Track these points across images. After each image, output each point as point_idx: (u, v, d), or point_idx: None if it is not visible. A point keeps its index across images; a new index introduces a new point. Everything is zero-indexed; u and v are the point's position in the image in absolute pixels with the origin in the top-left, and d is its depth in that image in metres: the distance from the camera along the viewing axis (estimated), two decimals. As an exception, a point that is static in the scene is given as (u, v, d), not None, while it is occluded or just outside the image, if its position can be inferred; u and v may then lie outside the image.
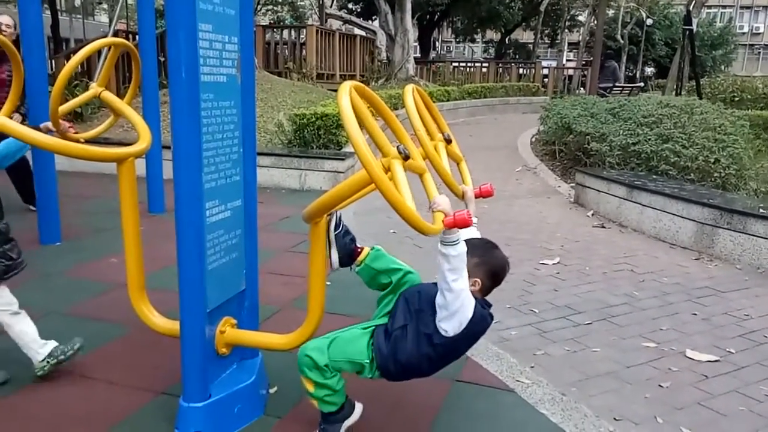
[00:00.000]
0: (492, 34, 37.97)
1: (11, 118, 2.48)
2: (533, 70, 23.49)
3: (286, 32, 16.09)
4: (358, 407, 2.43)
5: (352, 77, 16.91)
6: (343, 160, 7.69)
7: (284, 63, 14.97)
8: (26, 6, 4.73)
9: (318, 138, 8.37)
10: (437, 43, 37.46)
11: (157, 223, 5.51)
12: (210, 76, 2.17)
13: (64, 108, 2.80)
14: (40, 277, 4.05)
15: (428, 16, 28.30)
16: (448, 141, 2.54)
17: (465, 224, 1.88)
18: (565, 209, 7.14)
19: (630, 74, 34.70)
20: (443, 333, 2.12)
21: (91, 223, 5.63)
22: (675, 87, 16.31)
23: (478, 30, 33.45)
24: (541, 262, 5.05)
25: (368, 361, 2.25)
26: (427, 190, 2.04)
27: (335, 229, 2.45)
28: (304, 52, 15.06)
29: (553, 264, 5.02)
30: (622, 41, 33.45)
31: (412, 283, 2.42)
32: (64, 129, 2.77)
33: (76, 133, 2.89)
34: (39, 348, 2.70)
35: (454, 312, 2.08)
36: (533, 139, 11.57)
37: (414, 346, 2.19)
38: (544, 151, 10.31)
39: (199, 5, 2.05)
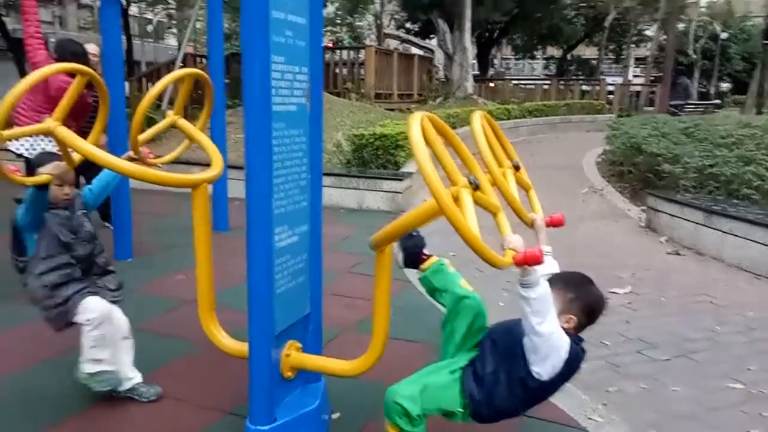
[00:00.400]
0: (553, 50, 37.55)
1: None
2: (597, 87, 23.05)
3: (345, 53, 16.37)
4: None
5: (410, 96, 17.02)
6: (401, 180, 7.72)
7: (343, 83, 15.21)
8: (108, 33, 5.01)
9: (376, 158, 8.44)
10: (496, 60, 37.28)
11: (221, 241, 5.62)
12: (281, 105, 2.23)
13: (143, 137, 2.93)
14: (113, 294, 4.22)
15: (487, 34, 28.26)
16: (517, 168, 2.51)
17: (535, 261, 1.82)
18: (635, 234, 6.89)
19: (703, 90, 33.56)
20: (537, 377, 2.06)
21: (161, 240, 5.84)
22: (756, 105, 15.62)
23: (539, 46, 33.14)
24: (611, 290, 4.87)
25: (461, 409, 2.20)
26: (500, 228, 2.01)
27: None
28: (362, 72, 15.27)
29: (625, 293, 4.80)
30: (694, 56, 32.41)
31: (469, 310, 2.33)
32: (144, 156, 2.90)
33: (155, 158, 3.01)
34: (129, 373, 2.82)
35: (545, 356, 2.01)
36: (599, 159, 11.29)
37: (507, 392, 2.13)
38: (611, 171, 10.04)
39: (273, 38, 2.11)
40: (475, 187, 1.83)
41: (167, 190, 7.55)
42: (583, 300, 2.14)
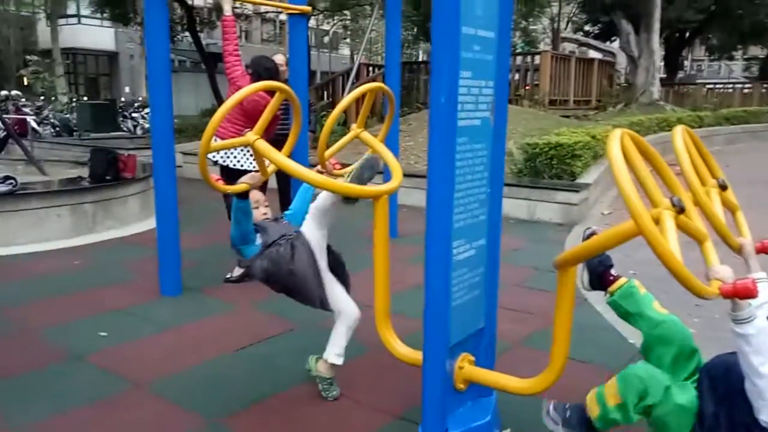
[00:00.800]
0: (756, 50, 33.79)
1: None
2: (808, 91, 20.39)
3: (519, 59, 16.07)
4: None
5: (587, 102, 16.28)
6: (577, 191, 7.41)
7: (515, 90, 14.94)
8: (296, 46, 5.41)
9: (550, 168, 8.17)
10: (686, 62, 34.42)
11: (391, 247, 5.82)
12: (466, 120, 2.25)
13: (329, 152, 3.12)
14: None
15: (677, 35, 26.17)
16: (723, 187, 2.30)
17: (747, 294, 1.64)
18: None
19: None
20: (764, 425, 1.83)
21: (333, 243, 6.14)
22: None
23: (739, 46, 29.97)
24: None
25: None
26: (706, 258, 1.85)
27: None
28: (536, 78, 14.89)
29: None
30: None
31: (669, 335, 2.15)
32: (330, 168, 3.08)
33: (341, 168, 3.19)
34: (338, 352, 2.98)
35: None
36: (811, 173, 9.97)
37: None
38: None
39: (462, 54, 2.13)
40: (680, 210, 1.70)
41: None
42: None
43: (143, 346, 3.63)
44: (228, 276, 4.87)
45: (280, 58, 5.43)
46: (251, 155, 4.71)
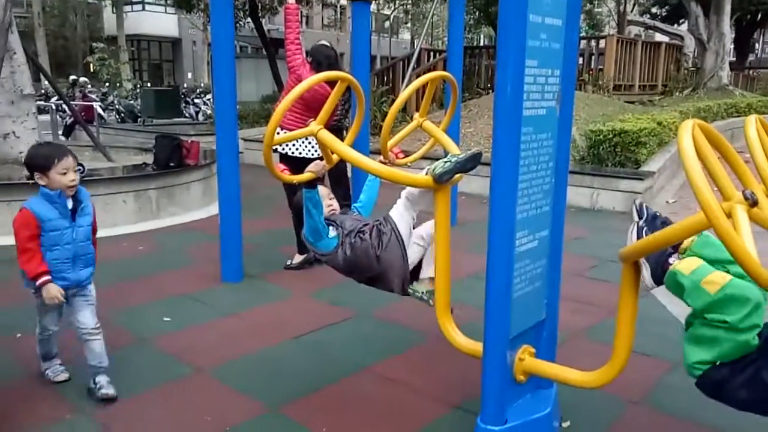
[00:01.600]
0: (834, 31, 31.88)
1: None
2: None
3: (582, 43, 15.62)
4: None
5: (653, 87, 15.71)
6: (641, 180, 7.21)
7: (579, 75, 14.55)
8: (358, 31, 5.40)
9: (614, 155, 7.95)
10: (757, 45, 32.76)
11: (451, 235, 5.81)
12: (531, 110, 2.21)
13: (392, 142, 3.12)
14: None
15: (748, 16, 24.90)
16: (797, 179, 2.19)
17: None
18: None
19: None
20: None
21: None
22: None
23: (815, 27, 28.32)
24: None
25: (722, 364, 1.95)
26: None
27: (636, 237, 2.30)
28: (600, 62, 14.45)
29: None
30: None
31: None
32: (393, 158, 3.09)
33: (404, 157, 3.18)
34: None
35: None
36: None
37: (745, 385, 1.91)
38: None
39: (528, 42, 2.10)
40: (753, 203, 1.64)
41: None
42: None
43: (205, 331, 3.74)
44: (288, 263, 4.96)
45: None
46: (310, 143, 4.76)
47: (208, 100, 19.15)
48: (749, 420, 2.72)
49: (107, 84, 24.89)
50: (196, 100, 20.37)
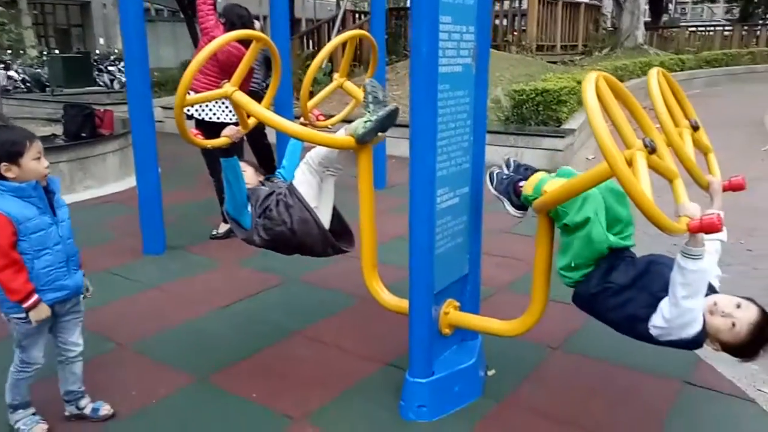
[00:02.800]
0: (738, -8, 33.44)
1: None
2: (790, 32, 20.25)
3: (506, 4, 15.78)
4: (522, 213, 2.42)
5: (574, 47, 16.10)
6: (562, 137, 7.42)
7: (503, 36, 14.73)
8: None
9: (537, 114, 8.14)
10: (670, 5, 34.02)
11: (378, 198, 5.81)
12: (447, 67, 2.23)
13: (311, 103, 3.06)
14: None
15: (661, -23, 25.78)
16: (695, 128, 2.31)
17: (713, 229, 1.72)
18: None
19: None
20: (650, 330, 2.03)
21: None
22: None
23: (721, -12, 29.60)
24: (797, 259, 4.42)
25: (577, 266, 2.17)
26: (676, 196, 1.88)
27: (491, 182, 2.46)
28: (523, 23, 14.67)
29: (814, 261, 4.35)
30: None
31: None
32: (313, 120, 3.04)
33: (325, 119, 3.14)
34: None
35: (671, 328, 1.98)
36: (787, 115, 10.06)
37: (616, 309, 2.12)
38: (802, 129, 8.90)
39: (441, -2, 2.09)
40: (651, 150, 1.72)
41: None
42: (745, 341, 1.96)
43: (126, 306, 3.63)
44: (214, 233, 4.86)
45: (257, 26, 5.27)
46: (227, 107, 4.62)
47: (124, 67, 18.19)
48: (662, 359, 2.92)
49: (9, 51, 23.25)
50: (110, 68, 19.30)
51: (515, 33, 14.54)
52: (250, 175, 2.89)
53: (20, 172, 2.17)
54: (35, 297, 2.19)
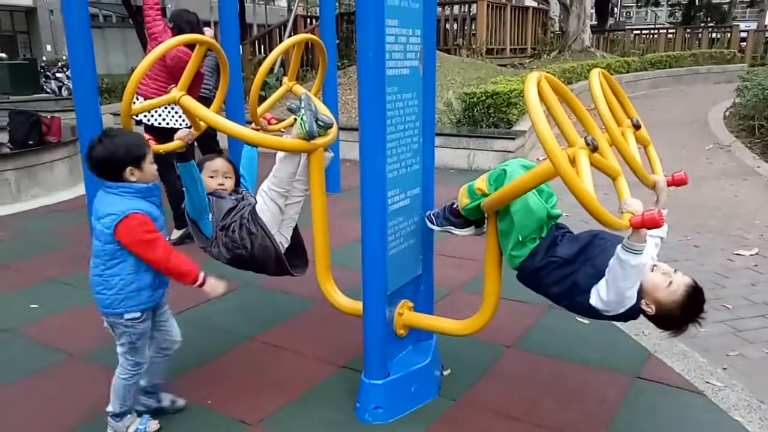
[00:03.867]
0: (679, -4, 34.72)
1: None
2: (729, 35, 21.08)
3: (456, 8, 15.98)
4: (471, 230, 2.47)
5: (523, 51, 16.42)
6: (513, 139, 7.56)
7: (453, 40, 14.92)
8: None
9: (488, 117, 8.28)
10: (615, 9, 34.99)
11: (334, 202, 5.81)
12: (394, 69, 2.25)
13: (261, 109, 3.05)
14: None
15: (607, -19, 26.49)
16: (637, 126, 2.39)
17: (654, 224, 1.79)
18: (764, 192, 6.41)
19: None
20: (590, 302, 2.09)
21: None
22: None
23: (663, -8, 30.66)
24: (735, 252, 4.59)
25: (524, 241, 2.20)
26: (619, 193, 1.95)
27: (432, 223, 2.54)
28: (473, 27, 14.88)
29: (751, 255, 4.54)
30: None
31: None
32: (264, 124, 3.03)
33: (276, 123, 3.12)
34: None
35: (606, 306, 2.06)
36: (727, 113, 10.47)
37: (560, 281, 2.17)
38: (741, 126, 9.29)
39: (387, 1, 2.11)
40: (593, 148, 1.78)
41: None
42: (677, 312, 2.04)
43: (77, 316, 3.54)
44: (167, 239, 4.77)
45: (209, 32, 5.22)
46: (178, 113, 4.56)
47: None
48: (613, 354, 3.00)
49: (-48, 58, 22.43)
50: (58, 74, 18.85)
51: (465, 36, 14.74)
52: (217, 180, 2.83)
53: (141, 175, 2.22)
54: (203, 273, 2.28)
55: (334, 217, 4.38)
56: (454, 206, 2.41)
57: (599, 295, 2.05)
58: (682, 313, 2.03)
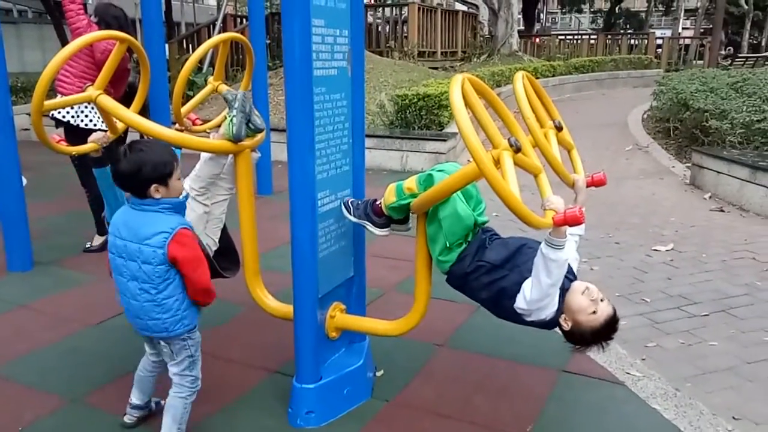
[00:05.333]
0: (601, 3, 36.20)
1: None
2: (646, 41, 22.16)
3: (387, 10, 16.08)
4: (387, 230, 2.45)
5: (454, 54, 16.70)
6: (444, 141, 7.66)
7: (385, 42, 15.01)
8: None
9: (420, 119, 8.36)
10: (542, 15, 36.14)
11: (265, 204, 5.73)
12: (322, 70, 2.23)
13: (186, 109, 2.96)
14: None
15: (532, -13, 27.31)
16: (559, 128, 2.47)
17: (575, 222, 1.84)
18: (679, 191, 6.76)
19: (754, 43, 31.99)
20: (516, 305, 2.13)
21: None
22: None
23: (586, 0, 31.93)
24: (653, 248, 4.82)
25: (451, 247, 2.22)
26: (540, 190, 2.00)
27: (348, 211, 2.48)
28: (405, 30, 15.02)
29: (667, 250, 4.77)
30: (746, 6, 30.85)
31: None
32: (188, 125, 2.94)
33: (202, 124, 3.04)
34: None
35: (530, 310, 2.10)
36: (645, 116, 11.00)
37: (488, 286, 2.20)
38: (657, 128, 9.77)
39: (313, 1, 2.09)
40: (516, 149, 1.81)
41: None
42: (592, 330, 2.12)
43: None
44: (88, 246, 4.59)
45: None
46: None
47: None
48: (540, 350, 3.08)
49: None
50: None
51: (397, 39, 14.86)
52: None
53: (166, 192, 2.11)
54: None
55: (265, 219, 4.32)
56: (377, 203, 2.40)
57: (524, 295, 2.09)
58: (594, 338, 2.12)
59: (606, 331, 2.11)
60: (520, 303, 2.11)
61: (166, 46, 12.61)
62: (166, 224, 2.06)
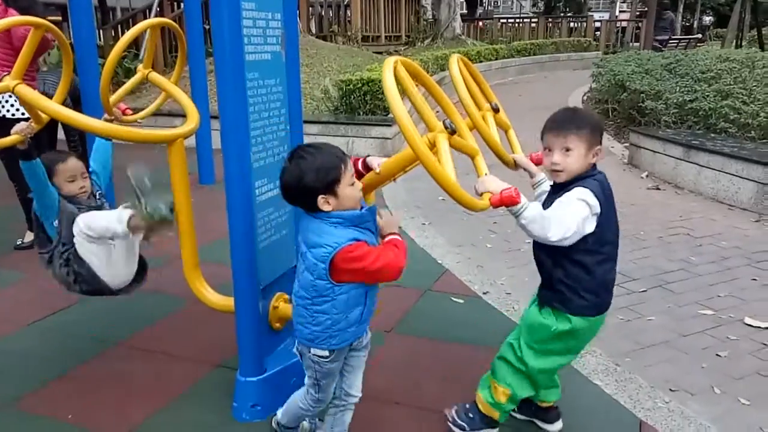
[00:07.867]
0: (541, -13, 36.74)
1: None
2: (585, 24, 22.61)
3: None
4: None
5: (398, 38, 16.65)
6: (390, 125, 7.63)
7: (329, 26, 14.85)
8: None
9: (365, 104, 8.30)
10: (484, -2, 36.41)
11: (208, 194, 5.62)
12: (255, 54, 2.16)
13: (114, 98, 2.83)
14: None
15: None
16: (496, 110, 2.47)
17: (511, 202, 1.84)
18: (618, 171, 6.93)
19: (687, 24, 33.11)
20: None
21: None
22: (735, 38, 15.41)
23: (527, -17, 32.30)
24: (593, 227, 4.93)
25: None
26: (477, 170, 1.99)
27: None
28: (348, 14, 14.89)
29: (608, 229, 4.90)
30: (679, -11, 31.88)
31: None
32: (118, 115, 2.81)
33: (133, 113, 2.92)
34: None
35: (566, 234, 1.97)
36: (585, 98, 11.23)
37: None
38: (597, 110, 9.98)
39: (242, -17, 2.02)
40: (452, 131, 1.80)
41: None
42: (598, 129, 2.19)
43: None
44: (19, 242, 4.39)
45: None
46: None
47: None
48: (486, 330, 3.10)
49: None
50: None
51: (341, 23, 14.72)
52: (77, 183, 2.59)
53: (337, 203, 1.80)
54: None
55: (208, 210, 4.20)
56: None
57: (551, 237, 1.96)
58: None
59: None
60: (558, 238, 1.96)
61: (100, 32, 12.11)
62: (333, 238, 1.79)
